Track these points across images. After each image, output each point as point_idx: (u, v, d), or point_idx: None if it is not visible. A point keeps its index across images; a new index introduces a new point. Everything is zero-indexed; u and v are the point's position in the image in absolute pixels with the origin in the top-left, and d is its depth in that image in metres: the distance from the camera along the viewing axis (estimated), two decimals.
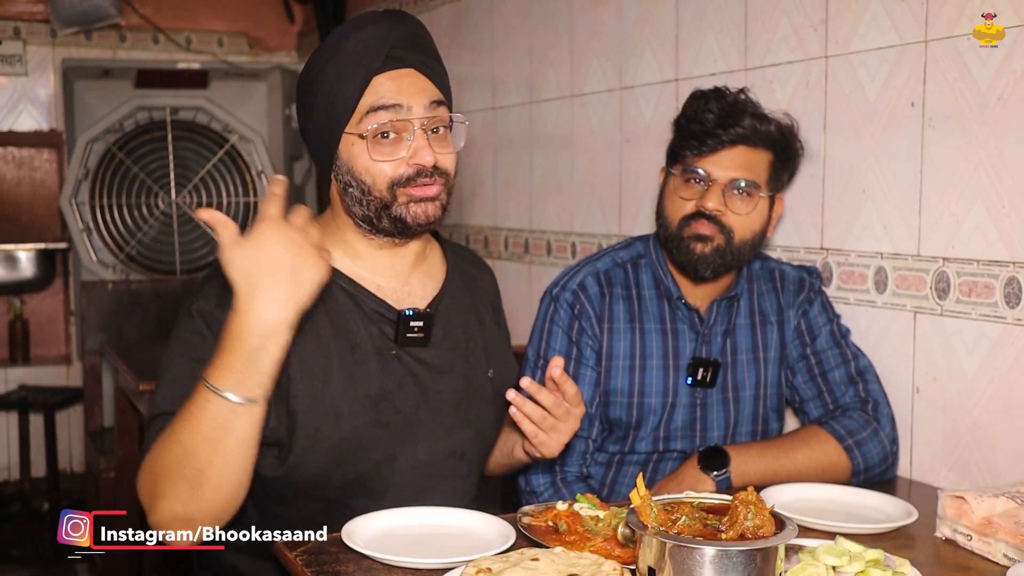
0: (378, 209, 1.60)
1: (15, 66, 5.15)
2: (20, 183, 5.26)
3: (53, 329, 5.35)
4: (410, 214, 1.60)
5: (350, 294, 1.65)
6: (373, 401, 1.62)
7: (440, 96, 1.62)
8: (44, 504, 4.68)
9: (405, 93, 1.58)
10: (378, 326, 1.65)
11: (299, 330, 1.50)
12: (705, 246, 1.95)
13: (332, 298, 1.63)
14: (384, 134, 1.58)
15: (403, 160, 1.58)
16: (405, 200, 1.59)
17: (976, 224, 1.87)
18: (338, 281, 1.65)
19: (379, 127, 1.57)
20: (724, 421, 2.06)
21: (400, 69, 1.59)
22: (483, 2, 3.63)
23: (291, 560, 1.42)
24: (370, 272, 1.68)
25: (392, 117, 1.57)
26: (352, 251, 1.68)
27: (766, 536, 1.24)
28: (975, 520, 1.55)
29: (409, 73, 1.60)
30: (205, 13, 5.53)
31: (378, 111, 1.57)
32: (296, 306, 1.36)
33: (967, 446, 1.92)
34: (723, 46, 2.47)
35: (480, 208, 3.71)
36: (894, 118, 2.03)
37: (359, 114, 1.58)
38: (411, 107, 1.58)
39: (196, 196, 4.73)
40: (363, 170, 1.59)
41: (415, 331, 1.66)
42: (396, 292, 1.69)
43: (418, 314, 1.66)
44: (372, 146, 1.58)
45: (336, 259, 1.65)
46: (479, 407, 1.73)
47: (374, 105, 1.57)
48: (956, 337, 1.93)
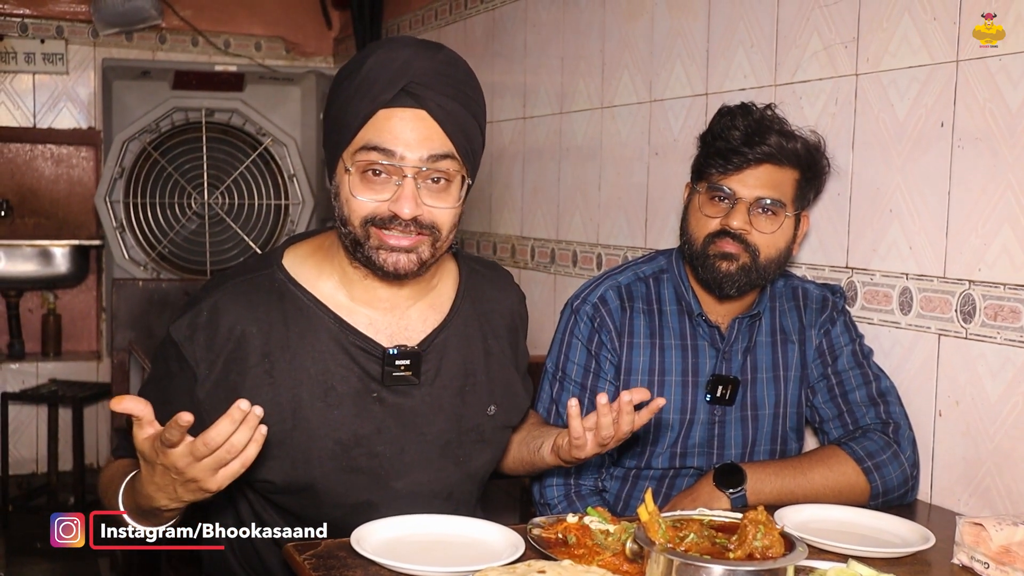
0: (352, 244, 1.54)
1: (57, 65, 5.23)
2: (58, 180, 5.34)
3: (85, 325, 5.42)
4: (379, 259, 1.53)
5: (333, 332, 1.59)
6: (345, 447, 1.58)
7: (447, 148, 1.52)
8: (70, 498, 4.73)
9: (403, 140, 1.49)
10: (361, 365, 1.59)
11: (271, 374, 1.55)
12: (731, 264, 1.94)
13: (312, 335, 1.59)
14: (374, 171, 1.51)
15: (385, 202, 1.51)
16: (376, 243, 1.52)
17: (1003, 247, 1.85)
18: (324, 317, 1.60)
19: (367, 165, 1.50)
20: (742, 439, 2.05)
21: (409, 109, 1.50)
22: (517, 12, 3.64)
23: (300, 563, 1.43)
24: (365, 303, 1.62)
25: (382, 160, 1.49)
26: (347, 279, 1.62)
27: (775, 556, 1.23)
28: (993, 548, 1.52)
29: (418, 116, 1.50)
30: (244, 17, 5.59)
31: (371, 151, 1.50)
32: (181, 502, 1.40)
33: (988, 472, 1.90)
34: (753, 62, 2.46)
35: (508, 217, 3.71)
36: (923, 138, 2.01)
37: (355, 144, 1.51)
38: (405, 156, 1.49)
39: (228, 197, 4.77)
40: (344, 201, 1.54)
41: (401, 370, 1.60)
42: (390, 327, 1.63)
43: (404, 352, 1.60)
44: (358, 179, 1.52)
45: (326, 289, 1.62)
46: (471, 448, 1.68)
47: (368, 143, 1.50)
48: (980, 361, 1.90)
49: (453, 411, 1.66)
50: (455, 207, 1.55)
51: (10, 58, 5.17)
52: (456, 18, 4.09)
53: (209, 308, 1.58)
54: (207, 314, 1.57)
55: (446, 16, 4.20)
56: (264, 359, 1.56)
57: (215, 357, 1.56)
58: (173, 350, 1.58)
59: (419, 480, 1.64)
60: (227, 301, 1.58)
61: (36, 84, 5.26)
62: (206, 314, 1.57)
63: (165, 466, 1.33)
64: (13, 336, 5.14)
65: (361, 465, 1.60)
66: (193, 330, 1.57)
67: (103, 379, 5.09)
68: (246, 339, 1.56)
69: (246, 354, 1.56)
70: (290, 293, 1.61)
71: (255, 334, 1.57)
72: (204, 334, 1.56)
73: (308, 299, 1.60)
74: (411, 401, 1.62)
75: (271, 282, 1.61)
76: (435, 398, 1.64)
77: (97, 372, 5.17)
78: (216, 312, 1.57)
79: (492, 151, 3.82)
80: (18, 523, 4.61)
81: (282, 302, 1.60)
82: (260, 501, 1.66)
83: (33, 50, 5.20)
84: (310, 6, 5.68)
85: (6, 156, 5.28)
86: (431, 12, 4.35)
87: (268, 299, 1.59)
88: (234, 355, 1.56)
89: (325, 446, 1.57)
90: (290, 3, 5.68)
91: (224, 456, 1.30)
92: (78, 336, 5.40)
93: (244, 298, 1.59)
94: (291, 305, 1.60)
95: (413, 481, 1.63)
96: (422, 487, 1.64)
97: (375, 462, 1.60)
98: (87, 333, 5.43)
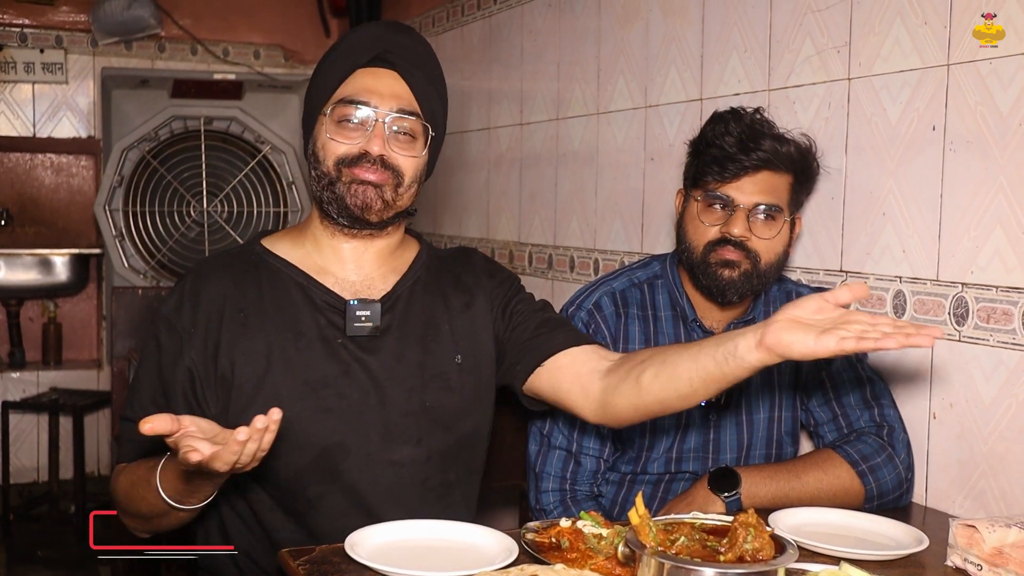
0: (324, 186, 1.70)
1: (56, 74, 5.24)
2: (58, 189, 5.35)
3: (85, 333, 5.42)
4: (349, 194, 1.68)
5: (302, 286, 1.74)
6: (314, 388, 1.68)
7: (414, 107, 1.70)
8: (71, 506, 4.74)
9: (376, 93, 1.68)
10: (326, 316, 1.72)
11: (246, 325, 1.70)
12: (733, 272, 1.94)
13: (283, 291, 1.73)
14: (348, 119, 1.68)
15: (357, 145, 1.68)
16: (348, 180, 1.68)
17: (995, 250, 1.86)
18: (292, 275, 1.75)
19: (343, 115, 1.68)
20: (737, 444, 2.05)
21: (381, 68, 1.70)
22: (514, 19, 3.65)
23: (294, 569, 1.43)
24: (334, 263, 1.77)
25: (356, 112, 1.67)
26: (317, 244, 1.77)
27: (765, 559, 1.23)
28: (986, 550, 1.53)
29: (389, 74, 1.70)
30: (243, 25, 5.60)
31: (347, 104, 1.68)
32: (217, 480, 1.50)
33: (983, 474, 1.90)
34: (747, 67, 2.47)
35: (506, 223, 3.72)
36: (915, 141, 2.02)
37: (333, 99, 1.70)
38: (377, 106, 1.67)
39: (228, 205, 4.78)
40: (320, 146, 1.71)
41: (362, 320, 1.72)
42: (354, 285, 1.76)
43: (365, 303, 1.73)
44: (333, 127, 1.69)
45: (296, 252, 1.78)
46: (436, 394, 1.75)
47: (345, 97, 1.68)
48: (974, 363, 1.91)
49: (415, 359, 1.75)
50: (418, 156, 1.72)
51: (10, 68, 5.18)
52: (453, 25, 4.11)
53: (191, 280, 1.75)
54: (190, 285, 1.73)
55: (443, 23, 4.21)
56: (239, 313, 1.71)
57: (198, 319, 1.70)
58: (162, 325, 1.72)
59: (387, 422, 1.71)
60: (208, 270, 1.76)
61: (36, 93, 5.27)
62: (189, 285, 1.74)
63: None
64: (14, 345, 5.14)
65: (331, 405, 1.68)
66: (180, 302, 1.72)
67: (104, 387, 5.09)
68: (224, 299, 1.72)
69: (223, 312, 1.71)
70: (264, 262, 1.77)
71: (231, 295, 1.72)
72: (190, 302, 1.71)
73: (280, 264, 1.77)
74: (374, 348, 1.73)
75: (249, 254, 1.79)
76: (398, 347, 1.74)
77: (98, 380, 5.18)
78: (197, 281, 1.74)
79: (490, 157, 3.83)
80: (19, 532, 4.62)
81: (257, 269, 1.76)
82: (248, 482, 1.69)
83: (33, 60, 5.21)
84: (308, 14, 5.69)
85: (6, 165, 5.29)
86: (428, 19, 4.36)
87: (245, 267, 1.76)
88: (214, 314, 1.71)
89: (295, 386, 1.68)
90: (289, 11, 5.69)
91: (239, 467, 1.40)
92: (79, 345, 5.41)
93: (223, 268, 1.76)
94: (265, 271, 1.76)
95: (381, 424, 1.71)
96: (390, 431, 1.71)
97: (343, 403, 1.69)
98: (88, 341, 5.43)
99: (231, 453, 1.35)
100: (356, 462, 1.68)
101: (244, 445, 1.34)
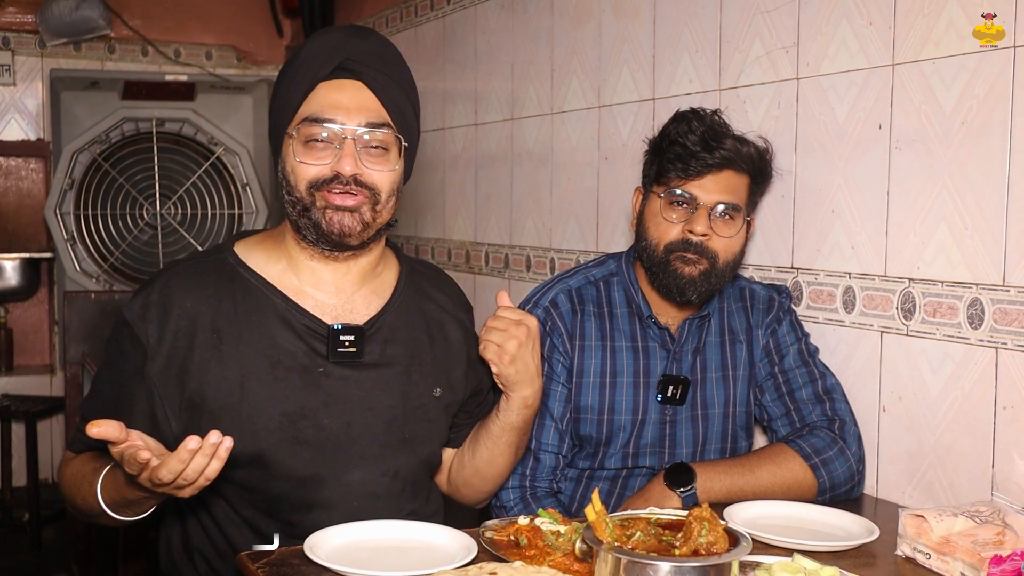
0: (299, 213, 1.62)
1: (4, 76, 5.17)
2: (7, 192, 5.27)
3: (37, 338, 5.35)
4: (325, 220, 1.60)
5: (280, 311, 1.65)
6: (292, 419, 1.62)
7: (384, 117, 1.63)
8: (25, 514, 4.67)
9: (342, 108, 1.60)
10: (307, 342, 1.65)
11: (219, 348, 1.61)
12: (693, 269, 1.96)
13: (259, 311, 1.65)
14: (315, 139, 1.60)
15: (327, 166, 1.60)
16: (322, 205, 1.60)
17: (940, 245, 1.90)
18: (269, 294, 1.66)
19: (309, 135, 1.59)
20: (693, 438, 2.08)
21: (345, 80, 1.61)
22: (468, 19, 3.66)
23: (253, 571, 1.43)
24: (312, 286, 1.69)
25: (322, 131, 1.59)
26: (293, 263, 1.69)
27: (719, 552, 1.26)
28: (934, 539, 1.57)
29: (354, 85, 1.61)
30: (194, 26, 5.55)
31: (312, 123, 1.59)
32: None
33: (931, 465, 1.95)
34: (698, 67, 2.50)
35: (462, 223, 3.73)
36: (862, 140, 2.06)
37: (298, 118, 1.61)
38: (345, 123, 1.59)
39: (181, 207, 4.74)
40: (290, 170, 1.62)
41: (346, 346, 1.65)
42: (335, 308, 1.69)
43: (349, 328, 1.66)
44: (301, 148, 1.60)
45: (275, 272, 1.68)
46: (417, 426, 1.72)
47: (309, 115, 1.60)
48: (921, 357, 1.95)
49: (399, 389, 1.71)
50: (393, 170, 1.64)
51: None
52: (407, 25, 4.11)
53: (160, 287, 1.65)
54: (158, 294, 1.64)
55: (397, 23, 4.21)
56: (212, 335, 1.62)
57: (165, 333, 1.62)
58: (126, 331, 1.64)
59: (365, 454, 1.68)
60: (178, 281, 1.65)
61: None
62: (157, 294, 1.64)
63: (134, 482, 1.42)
64: None
65: (308, 437, 1.64)
66: (145, 309, 1.63)
67: (57, 393, 5.03)
68: (196, 316, 1.63)
69: (195, 330, 1.62)
70: (239, 276, 1.67)
71: (204, 312, 1.63)
72: (156, 311, 1.62)
73: (257, 280, 1.67)
74: (357, 376, 1.67)
75: (222, 265, 1.69)
76: (381, 376, 1.69)
77: (51, 386, 5.11)
78: (168, 291, 1.64)
79: (445, 157, 3.83)
80: None
81: (232, 283, 1.66)
82: (219, 489, 1.67)
83: None
84: (261, 15, 5.66)
85: None
86: (382, 19, 4.36)
87: (218, 280, 1.66)
88: (184, 331, 1.62)
89: (272, 417, 1.62)
90: (241, 12, 5.65)
91: (183, 482, 1.37)
92: (30, 350, 5.33)
93: (195, 279, 1.66)
94: (240, 286, 1.66)
95: (359, 456, 1.67)
96: (368, 462, 1.68)
97: (322, 435, 1.64)
98: (39, 347, 5.36)
99: (179, 461, 1.33)
100: (332, 492, 1.65)
101: (193, 455, 1.33)
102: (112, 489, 1.53)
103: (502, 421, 1.77)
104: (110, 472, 1.53)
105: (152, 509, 1.56)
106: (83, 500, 1.60)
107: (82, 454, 1.68)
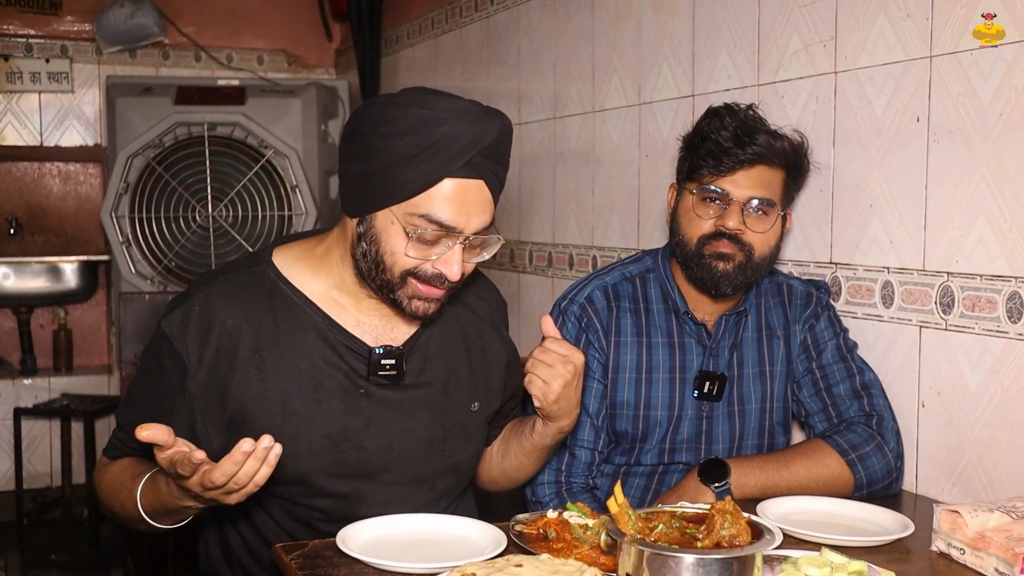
0: (381, 285, 1.58)
1: (62, 83, 5.31)
2: (66, 197, 5.41)
3: (95, 339, 5.48)
4: (411, 306, 1.59)
5: (321, 330, 1.64)
6: (334, 441, 1.63)
7: (491, 215, 1.57)
8: (84, 511, 4.79)
9: (465, 214, 1.52)
10: (348, 362, 1.65)
11: (261, 368, 1.60)
12: (727, 264, 1.96)
13: (300, 331, 1.64)
14: (428, 239, 1.53)
15: (430, 263, 1.55)
16: (411, 292, 1.57)
17: (979, 239, 1.88)
18: (312, 315, 1.65)
19: (426, 232, 1.52)
20: (730, 434, 2.07)
21: (471, 180, 1.52)
22: (511, 20, 3.68)
23: (287, 563, 1.46)
24: (354, 306, 1.67)
25: (441, 232, 1.52)
26: (340, 281, 1.66)
27: (742, 545, 1.26)
28: (968, 534, 1.55)
29: (478, 187, 1.54)
30: (246, 31, 5.65)
31: (431, 223, 1.51)
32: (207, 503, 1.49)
33: (970, 461, 1.92)
34: (737, 62, 2.49)
35: (506, 222, 3.75)
36: (900, 133, 2.04)
37: (413, 206, 1.51)
38: (463, 230, 1.53)
39: (232, 210, 4.82)
40: (388, 251, 1.55)
41: (387, 368, 1.65)
42: (376, 328, 1.68)
43: (390, 352, 1.66)
44: (410, 242, 1.53)
45: (316, 289, 1.66)
46: (456, 443, 1.74)
47: (430, 215, 1.51)
48: (960, 351, 1.93)
49: (438, 407, 1.72)
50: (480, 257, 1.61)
51: (16, 78, 5.24)
52: (452, 27, 4.14)
53: (201, 302, 1.62)
54: (199, 308, 1.62)
55: (443, 25, 4.24)
56: (254, 354, 1.61)
57: (206, 351, 1.60)
58: (165, 344, 1.62)
59: (405, 472, 1.70)
60: (219, 296, 1.63)
61: (42, 103, 5.33)
62: (198, 308, 1.62)
63: (181, 487, 1.43)
64: (25, 352, 5.20)
65: (350, 459, 1.65)
66: (185, 324, 1.61)
67: (114, 392, 5.15)
68: (237, 334, 1.61)
69: (236, 349, 1.61)
70: (280, 291, 1.65)
71: (246, 330, 1.61)
72: (196, 327, 1.60)
73: (298, 297, 1.65)
74: (397, 397, 1.68)
75: (262, 280, 1.66)
76: (420, 395, 1.70)
77: (108, 385, 5.23)
78: (208, 306, 1.62)
79: None
80: (33, 536, 4.67)
81: (272, 299, 1.64)
82: (260, 500, 1.69)
83: (38, 70, 5.27)
84: (311, 19, 5.74)
85: (15, 175, 5.36)
86: (428, 22, 4.40)
87: (259, 296, 1.64)
88: (225, 349, 1.60)
89: (315, 440, 1.63)
90: (291, 17, 5.74)
91: (234, 486, 1.38)
92: (89, 350, 5.47)
93: (235, 294, 1.63)
94: (281, 303, 1.64)
95: (399, 474, 1.69)
96: (408, 480, 1.70)
97: (363, 456, 1.66)
98: (98, 347, 5.49)
99: (233, 463, 1.35)
100: (372, 508, 1.66)
101: (247, 457, 1.35)
102: (152, 496, 1.55)
103: (536, 442, 1.79)
104: (150, 479, 1.55)
105: (190, 518, 1.59)
106: (121, 506, 1.63)
107: (118, 460, 1.72)
